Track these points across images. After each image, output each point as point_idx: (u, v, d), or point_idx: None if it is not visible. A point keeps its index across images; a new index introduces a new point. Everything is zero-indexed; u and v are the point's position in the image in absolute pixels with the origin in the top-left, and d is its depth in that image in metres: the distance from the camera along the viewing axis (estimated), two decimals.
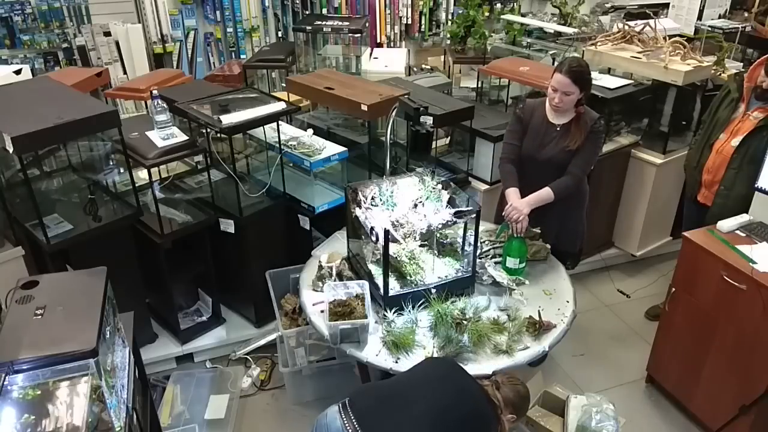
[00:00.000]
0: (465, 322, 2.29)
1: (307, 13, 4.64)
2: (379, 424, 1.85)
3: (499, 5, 5.20)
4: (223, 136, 2.84)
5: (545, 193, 2.70)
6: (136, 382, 1.96)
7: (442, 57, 5.08)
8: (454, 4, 5.09)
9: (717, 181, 2.89)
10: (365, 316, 2.28)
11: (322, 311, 2.43)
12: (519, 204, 2.68)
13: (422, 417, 1.84)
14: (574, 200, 2.87)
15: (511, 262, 2.62)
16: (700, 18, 4.29)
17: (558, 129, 2.74)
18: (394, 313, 2.35)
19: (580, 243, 3.04)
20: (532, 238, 2.77)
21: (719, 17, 4.40)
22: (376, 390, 2.04)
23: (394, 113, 2.69)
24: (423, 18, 5.04)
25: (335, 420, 1.88)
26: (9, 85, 2.89)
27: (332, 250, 2.77)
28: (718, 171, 2.88)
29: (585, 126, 2.69)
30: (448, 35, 4.85)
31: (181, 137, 2.80)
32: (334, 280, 2.54)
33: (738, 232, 2.64)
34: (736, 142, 2.80)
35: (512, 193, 2.75)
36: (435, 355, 2.25)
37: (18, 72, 3.22)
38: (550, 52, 4.07)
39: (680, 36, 3.75)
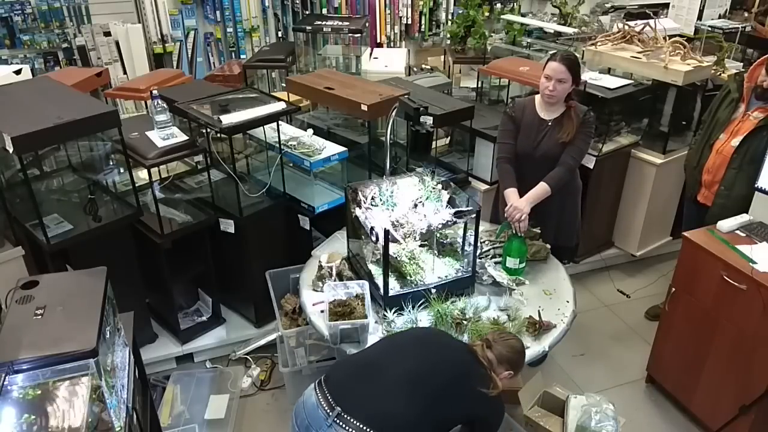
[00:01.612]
0: (465, 322, 2.29)
1: (307, 13, 4.64)
2: (351, 394, 1.83)
3: (499, 5, 5.20)
4: (223, 136, 2.84)
5: (542, 189, 2.72)
6: (136, 382, 1.96)
7: (442, 57, 5.08)
8: (454, 4, 5.09)
9: (717, 181, 2.89)
10: (365, 316, 2.28)
11: (322, 311, 2.43)
12: (519, 203, 2.69)
13: (398, 382, 1.82)
14: (570, 195, 2.92)
15: (511, 262, 2.62)
16: (700, 18, 4.29)
17: (549, 124, 2.78)
18: (394, 313, 2.35)
19: (577, 237, 3.10)
20: (532, 238, 2.77)
21: (719, 17, 4.40)
22: (353, 361, 2.02)
23: (394, 113, 2.69)
24: (423, 18, 5.04)
25: (311, 396, 1.87)
26: (9, 85, 2.89)
27: (332, 250, 2.77)
28: (718, 171, 2.88)
29: (576, 119, 2.73)
30: (448, 35, 4.85)
31: (181, 137, 2.80)
32: (334, 280, 2.54)
33: (738, 232, 2.65)
34: (736, 142, 2.80)
35: (511, 193, 2.77)
36: None
37: (18, 72, 3.22)
38: (550, 53, 4.07)
39: (680, 36, 3.75)
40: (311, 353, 2.86)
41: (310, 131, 3.18)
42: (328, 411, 1.79)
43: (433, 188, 2.53)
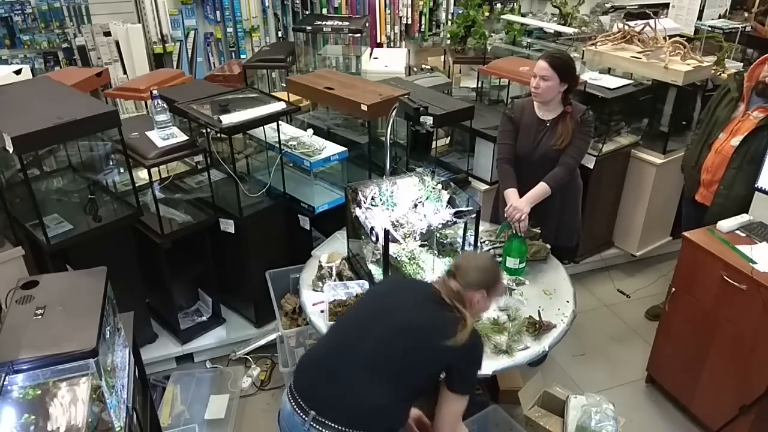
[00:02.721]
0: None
1: (307, 13, 4.64)
2: (320, 394, 1.79)
3: (499, 5, 5.20)
4: (223, 136, 2.84)
5: (542, 189, 2.73)
6: (136, 382, 1.96)
7: (442, 57, 5.08)
8: (454, 4, 5.09)
9: (716, 181, 2.89)
10: None
11: (322, 311, 2.43)
12: (519, 203, 2.69)
13: (360, 371, 1.77)
14: (570, 194, 2.92)
15: (511, 262, 2.62)
16: (700, 18, 4.29)
17: (548, 124, 2.78)
18: None
19: (577, 237, 3.10)
20: (532, 238, 2.77)
21: (719, 17, 4.40)
22: (314, 359, 1.91)
23: (394, 113, 2.69)
24: (423, 18, 5.04)
25: (286, 404, 1.85)
26: (9, 85, 2.89)
27: (332, 250, 2.77)
28: (717, 170, 2.88)
29: (572, 122, 2.73)
30: (448, 35, 4.84)
31: (181, 137, 2.80)
32: (334, 280, 2.54)
33: (738, 232, 2.65)
34: (735, 141, 2.79)
35: (511, 194, 2.77)
36: None
37: (18, 72, 3.22)
38: None
39: (680, 36, 3.75)
40: None
41: (310, 131, 3.18)
42: (303, 416, 1.76)
43: (433, 188, 2.53)
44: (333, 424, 1.72)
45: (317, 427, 1.74)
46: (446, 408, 1.87)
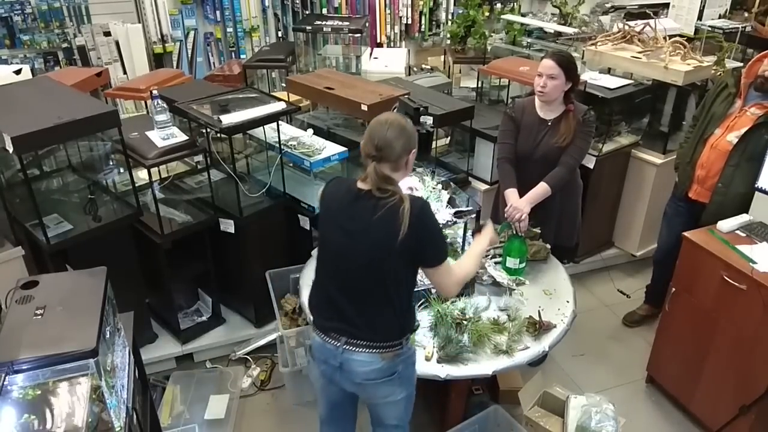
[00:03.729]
0: (465, 322, 2.29)
1: (307, 13, 4.64)
2: (338, 321, 1.92)
3: (499, 5, 5.20)
4: (223, 136, 2.84)
5: (542, 189, 2.73)
6: (136, 382, 1.96)
7: (442, 57, 5.08)
8: (454, 4, 5.09)
9: (711, 177, 2.87)
10: None
11: None
12: (519, 203, 2.70)
13: (360, 302, 1.89)
14: (570, 194, 2.92)
15: (511, 262, 2.62)
16: (700, 18, 4.29)
17: (549, 124, 2.78)
18: None
19: (577, 237, 3.10)
20: (532, 238, 2.78)
21: (719, 17, 4.40)
22: (320, 296, 2.03)
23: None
24: (423, 18, 5.04)
25: (315, 338, 2.01)
26: (9, 85, 2.89)
27: None
28: (712, 166, 2.86)
29: (574, 121, 2.73)
30: (448, 35, 4.85)
31: (181, 137, 2.80)
32: None
33: (738, 232, 2.65)
34: (732, 137, 2.78)
35: (511, 194, 2.77)
36: (435, 355, 2.25)
37: (18, 72, 3.22)
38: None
39: (680, 36, 3.75)
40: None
41: (310, 131, 3.18)
42: (336, 344, 1.92)
43: (433, 188, 2.53)
44: (363, 341, 1.90)
45: (349, 348, 1.90)
46: (438, 280, 1.94)
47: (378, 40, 4.91)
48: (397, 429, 2.12)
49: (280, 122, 2.91)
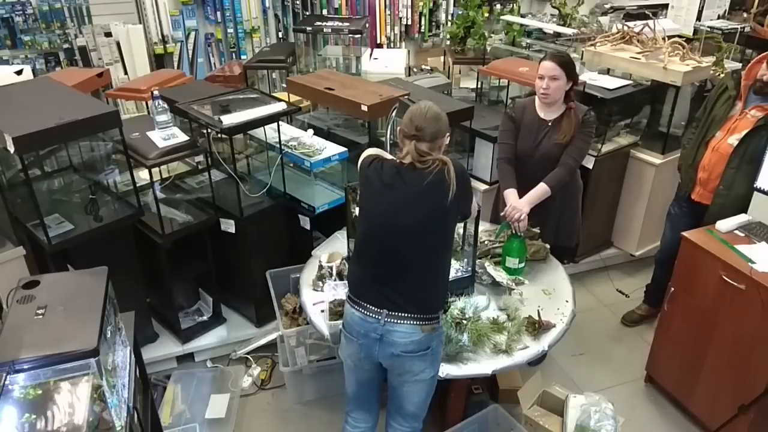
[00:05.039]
0: (465, 322, 2.30)
1: (308, 13, 4.64)
2: (381, 295, 2.00)
3: (498, 6, 5.20)
4: (223, 136, 2.85)
5: (542, 189, 2.73)
6: (136, 382, 1.97)
7: (442, 58, 5.08)
8: (454, 5, 5.09)
9: (713, 179, 2.89)
10: None
11: (322, 311, 2.44)
12: (518, 203, 2.70)
13: (399, 266, 2.00)
14: (570, 195, 2.92)
15: (511, 262, 2.62)
16: (699, 18, 4.29)
17: (549, 124, 2.78)
18: None
19: (577, 237, 3.10)
20: (531, 238, 2.78)
21: (718, 18, 4.40)
22: (362, 265, 2.10)
23: (394, 113, 2.70)
24: (423, 19, 5.05)
25: (353, 314, 2.06)
26: (10, 85, 2.89)
27: (332, 250, 2.78)
28: (714, 169, 2.88)
29: (575, 120, 2.74)
30: (448, 36, 4.85)
31: (182, 137, 2.80)
32: (334, 280, 2.55)
33: (737, 232, 2.65)
34: (733, 140, 2.79)
35: (511, 194, 2.77)
36: None
37: (19, 72, 3.23)
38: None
39: (679, 36, 3.75)
40: (311, 353, 2.87)
41: (311, 131, 3.18)
42: (377, 317, 2.00)
43: None
44: (403, 314, 1.98)
45: (391, 321, 1.99)
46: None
47: (378, 41, 4.91)
48: (415, 420, 2.19)
49: (280, 123, 2.92)
